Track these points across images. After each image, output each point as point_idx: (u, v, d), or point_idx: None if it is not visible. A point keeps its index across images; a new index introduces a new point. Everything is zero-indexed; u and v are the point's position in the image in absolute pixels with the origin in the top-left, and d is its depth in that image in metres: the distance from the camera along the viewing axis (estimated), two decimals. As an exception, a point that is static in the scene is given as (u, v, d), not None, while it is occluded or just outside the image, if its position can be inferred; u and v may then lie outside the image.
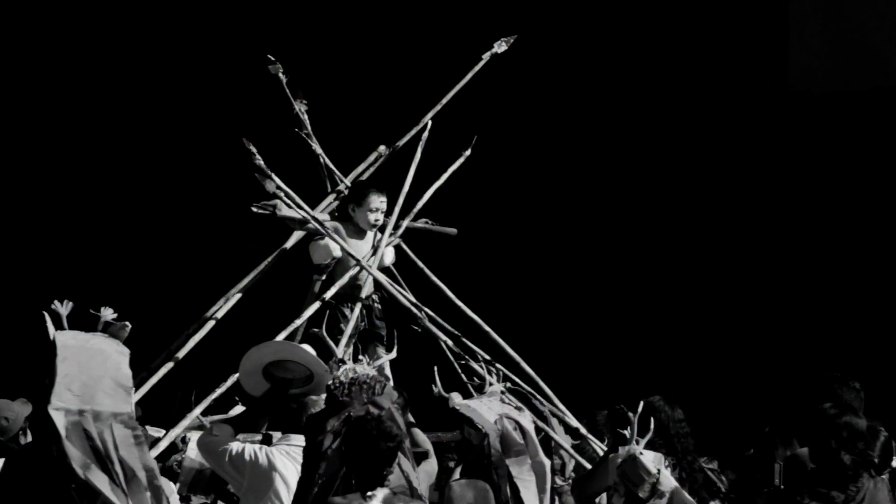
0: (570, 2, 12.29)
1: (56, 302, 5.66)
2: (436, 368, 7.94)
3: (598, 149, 12.34)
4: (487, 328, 8.78)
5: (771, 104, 12.40)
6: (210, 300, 8.70)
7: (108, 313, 5.70)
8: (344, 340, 8.51)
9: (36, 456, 5.52)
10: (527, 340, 8.96)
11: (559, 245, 12.12)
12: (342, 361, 6.60)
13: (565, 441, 8.48)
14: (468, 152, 9.30)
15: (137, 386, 7.71)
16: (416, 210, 9.03)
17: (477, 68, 9.35)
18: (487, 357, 8.56)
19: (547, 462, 7.43)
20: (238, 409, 8.25)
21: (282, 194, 8.39)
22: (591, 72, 12.24)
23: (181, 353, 8.23)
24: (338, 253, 8.79)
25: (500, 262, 11.89)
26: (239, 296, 8.67)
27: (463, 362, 8.56)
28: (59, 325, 5.67)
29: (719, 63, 12.42)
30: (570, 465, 8.56)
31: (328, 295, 8.63)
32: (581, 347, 11.56)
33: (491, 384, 7.94)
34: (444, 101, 9.26)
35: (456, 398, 7.62)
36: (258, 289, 8.81)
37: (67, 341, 5.58)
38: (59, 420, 5.42)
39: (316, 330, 7.92)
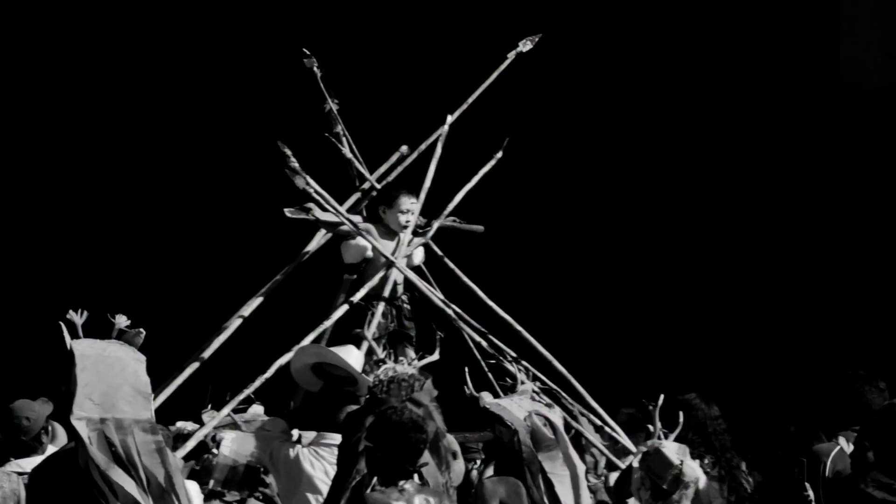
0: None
1: (71, 311, 5.70)
2: (466, 369, 8.05)
3: (635, 144, 12.39)
4: (518, 327, 8.83)
5: (823, 98, 12.41)
6: (220, 302, 8.81)
7: (122, 321, 5.74)
8: (371, 339, 8.40)
9: (65, 462, 5.60)
10: (557, 338, 9.01)
11: (589, 243, 12.17)
12: (383, 361, 6.74)
13: (596, 439, 8.58)
14: (500, 154, 9.37)
15: (167, 385, 8.03)
16: (447, 211, 9.09)
17: (502, 67, 9.42)
18: (514, 355, 8.65)
19: (578, 459, 7.46)
20: (257, 409, 8.37)
21: (311, 191, 8.44)
22: (634, 66, 12.30)
23: (207, 353, 8.30)
24: (369, 253, 8.85)
25: (528, 260, 11.94)
26: (260, 300, 8.72)
27: (492, 361, 8.66)
28: (74, 335, 5.71)
29: (771, 58, 12.44)
30: (602, 463, 8.72)
31: (357, 297, 8.69)
32: (611, 345, 11.61)
33: (523, 382, 8.04)
34: (470, 100, 9.31)
35: (486, 397, 7.77)
36: (286, 290, 8.85)
37: (85, 350, 5.62)
38: (82, 430, 5.48)
39: (358, 330, 8.14)
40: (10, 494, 7.09)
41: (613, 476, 8.13)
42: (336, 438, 6.91)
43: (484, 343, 8.73)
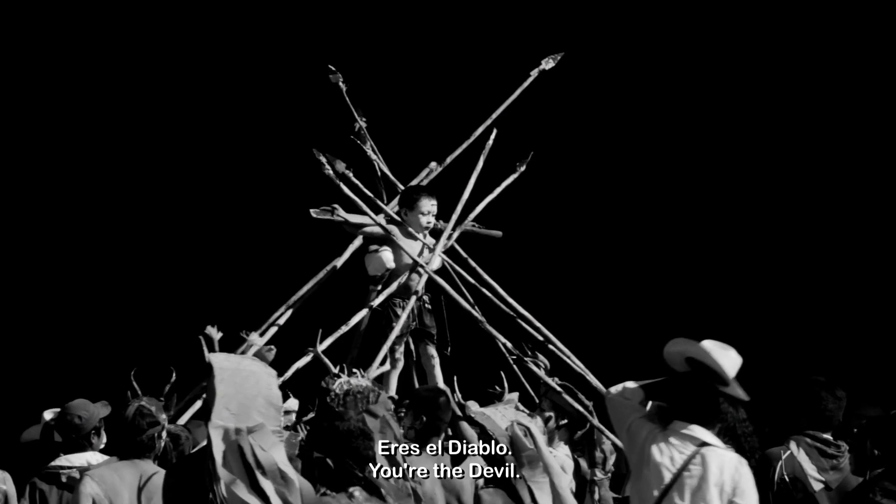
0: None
1: (209, 327, 6.09)
2: (455, 378, 8.32)
3: (645, 149, 12.53)
4: (538, 324, 9.04)
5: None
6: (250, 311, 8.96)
7: (256, 338, 6.14)
8: (392, 338, 8.83)
9: (196, 465, 5.95)
10: (573, 336, 9.22)
11: (605, 244, 12.30)
12: (337, 376, 6.77)
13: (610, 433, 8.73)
14: (523, 167, 9.62)
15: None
16: (470, 218, 9.34)
17: (525, 84, 9.66)
18: (536, 341, 8.92)
19: (558, 468, 7.55)
20: (292, 402, 8.76)
21: (350, 174, 8.73)
22: (643, 78, 12.41)
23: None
24: (391, 264, 9.08)
25: (544, 260, 12.03)
26: (289, 313, 8.94)
27: (514, 357, 8.92)
28: (211, 349, 6.10)
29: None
30: (612, 459, 8.93)
31: (376, 303, 8.95)
32: (626, 342, 11.53)
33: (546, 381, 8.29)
34: (494, 115, 9.56)
35: (473, 406, 7.87)
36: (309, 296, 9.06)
37: (223, 363, 5.99)
38: (217, 437, 5.85)
39: (311, 349, 8.16)
40: None
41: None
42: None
43: (509, 343, 8.94)
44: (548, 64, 9.77)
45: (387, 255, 9.08)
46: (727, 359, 7.07)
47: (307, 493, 6.05)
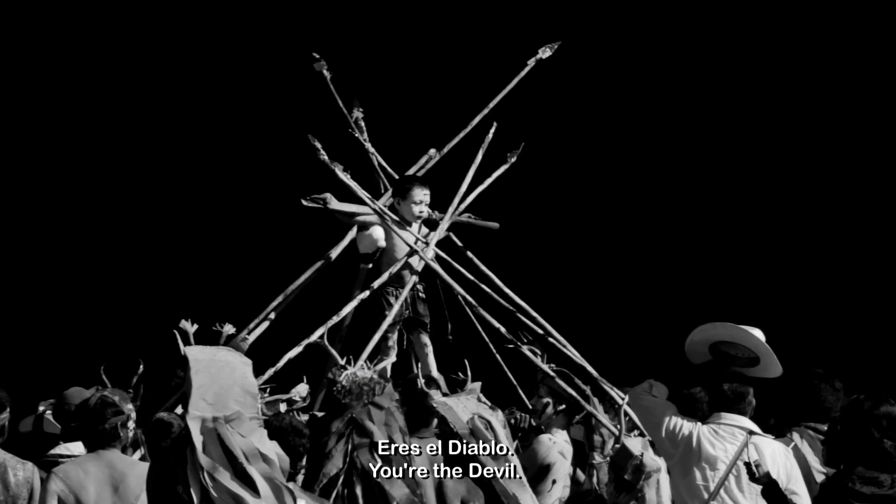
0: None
1: (183, 321, 6.19)
2: (417, 365, 8.45)
3: (646, 140, 12.47)
4: (535, 313, 9.04)
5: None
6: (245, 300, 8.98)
7: (228, 328, 6.22)
8: (384, 327, 8.79)
9: (175, 455, 6.03)
10: (569, 324, 9.20)
11: (599, 234, 12.27)
12: (344, 367, 6.99)
13: (606, 419, 8.64)
14: (514, 158, 9.59)
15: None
16: (462, 207, 9.33)
17: (522, 73, 9.66)
18: (536, 333, 8.91)
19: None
20: (303, 387, 8.61)
21: (348, 177, 8.80)
22: (639, 73, 12.36)
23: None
24: (382, 243, 9.11)
25: (539, 250, 11.98)
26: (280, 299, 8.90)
27: (511, 346, 8.86)
28: (186, 342, 6.20)
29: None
30: (610, 444, 8.75)
31: (376, 284, 8.94)
32: (622, 330, 11.75)
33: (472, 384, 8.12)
34: (491, 105, 9.58)
35: (436, 395, 7.78)
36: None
37: (198, 355, 6.10)
38: (195, 427, 5.94)
39: (319, 340, 8.15)
40: (23, 482, 7.34)
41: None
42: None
43: (503, 329, 8.90)
44: (545, 53, 9.78)
45: (378, 232, 9.13)
46: (755, 336, 7.38)
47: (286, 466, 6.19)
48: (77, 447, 7.91)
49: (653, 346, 10.28)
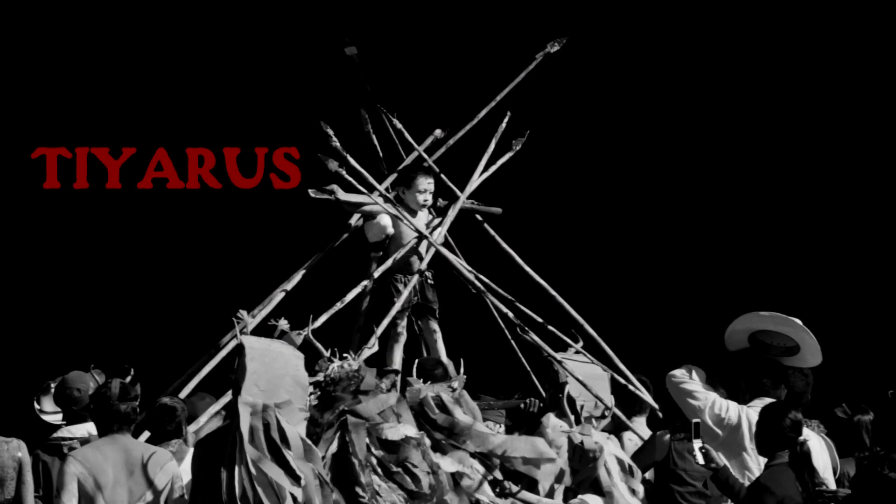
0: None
1: (241, 311, 6.39)
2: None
3: (655, 131, 12.44)
4: (553, 292, 9.24)
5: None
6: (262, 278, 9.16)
7: (283, 324, 6.44)
8: (392, 313, 8.99)
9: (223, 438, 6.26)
10: (587, 304, 9.39)
11: (618, 216, 12.33)
12: (330, 360, 6.96)
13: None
14: (519, 147, 9.75)
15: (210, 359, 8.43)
16: (466, 193, 9.49)
17: (531, 67, 9.79)
18: (541, 321, 9.06)
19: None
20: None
21: (343, 172, 8.90)
22: (646, 66, 12.32)
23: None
24: (391, 230, 9.29)
25: (557, 230, 12.00)
26: (303, 272, 9.09)
27: (519, 330, 9.05)
28: (242, 331, 6.41)
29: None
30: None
31: (378, 272, 9.14)
32: (642, 312, 11.83)
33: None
34: (499, 97, 9.72)
35: (415, 384, 7.61)
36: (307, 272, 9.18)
37: (253, 343, 6.31)
38: (245, 412, 6.14)
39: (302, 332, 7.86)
40: (8, 461, 7.46)
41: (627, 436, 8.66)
42: None
43: (511, 314, 9.09)
44: (553, 48, 9.89)
45: (385, 220, 9.28)
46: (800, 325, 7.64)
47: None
48: (80, 430, 8.10)
49: (687, 334, 10.46)
